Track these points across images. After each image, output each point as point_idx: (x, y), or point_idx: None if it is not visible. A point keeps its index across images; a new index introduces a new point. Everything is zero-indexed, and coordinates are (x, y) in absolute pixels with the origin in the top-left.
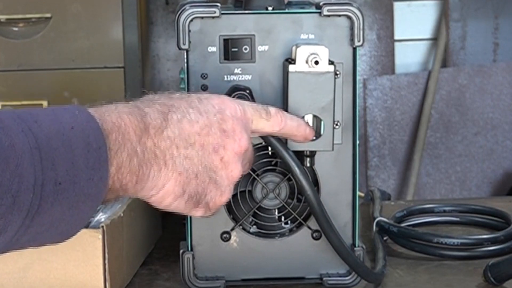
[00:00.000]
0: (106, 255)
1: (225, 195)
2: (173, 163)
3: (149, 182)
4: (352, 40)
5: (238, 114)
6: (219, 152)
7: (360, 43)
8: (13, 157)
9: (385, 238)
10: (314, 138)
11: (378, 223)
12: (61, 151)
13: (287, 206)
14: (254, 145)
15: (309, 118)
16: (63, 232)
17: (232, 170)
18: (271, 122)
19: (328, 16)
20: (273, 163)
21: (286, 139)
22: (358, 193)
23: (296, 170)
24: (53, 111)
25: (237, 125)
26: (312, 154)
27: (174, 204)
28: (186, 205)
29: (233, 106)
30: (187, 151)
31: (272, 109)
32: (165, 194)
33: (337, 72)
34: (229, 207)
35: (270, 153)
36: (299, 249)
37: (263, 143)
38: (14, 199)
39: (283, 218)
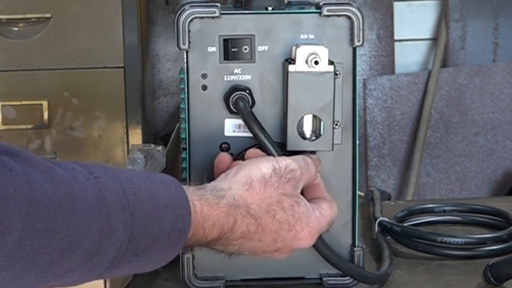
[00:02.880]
0: None
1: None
2: (238, 250)
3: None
4: (351, 40)
5: (309, 245)
6: (279, 251)
7: (360, 43)
8: (106, 231)
9: (387, 238)
10: (314, 138)
11: (380, 223)
12: (149, 229)
13: None
14: (252, 146)
15: (308, 118)
16: (137, 271)
17: (284, 254)
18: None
19: (328, 16)
20: None
21: (285, 142)
22: (358, 193)
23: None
24: (152, 183)
25: (304, 236)
26: (312, 154)
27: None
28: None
29: (309, 243)
30: (255, 245)
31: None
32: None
33: (337, 72)
34: None
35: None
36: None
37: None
38: (92, 265)
39: None
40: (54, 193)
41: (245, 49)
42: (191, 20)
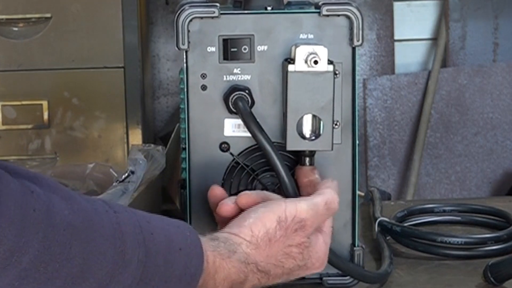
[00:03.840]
0: None
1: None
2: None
3: None
4: (351, 40)
5: (321, 267)
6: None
7: (359, 43)
8: (120, 264)
9: (387, 238)
10: (313, 138)
11: (380, 223)
12: (162, 269)
13: None
14: (252, 145)
15: (308, 118)
16: None
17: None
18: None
19: (327, 16)
20: None
21: (285, 141)
22: (358, 193)
23: (284, 178)
24: (168, 226)
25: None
26: (312, 154)
27: None
28: None
29: (317, 269)
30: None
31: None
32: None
33: (336, 72)
34: None
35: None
36: None
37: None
38: None
39: None
40: (73, 219)
41: (245, 49)
42: (191, 20)
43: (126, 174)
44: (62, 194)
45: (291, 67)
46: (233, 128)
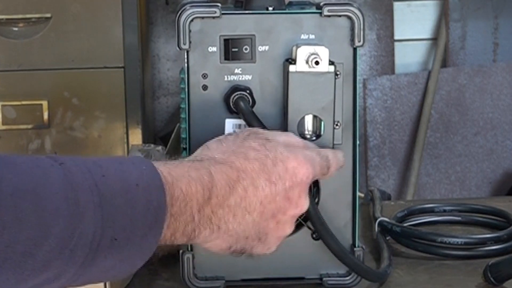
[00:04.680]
0: None
1: (271, 249)
2: (226, 228)
3: (198, 239)
4: (352, 40)
5: (307, 180)
6: (277, 217)
7: (360, 44)
8: (76, 214)
9: (387, 238)
10: (314, 138)
11: (380, 223)
12: (123, 209)
13: None
14: None
15: (309, 118)
16: (113, 276)
17: (284, 230)
18: (327, 175)
19: (329, 16)
20: None
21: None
22: (358, 193)
23: None
24: (120, 164)
25: (302, 192)
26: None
27: (219, 252)
28: (229, 253)
29: (306, 172)
30: (244, 218)
31: (331, 160)
32: (212, 246)
33: (338, 72)
34: None
35: None
36: (299, 249)
37: None
38: (71, 253)
39: None
40: (18, 182)
41: (246, 49)
42: (192, 20)
43: None
44: (2, 161)
45: (292, 68)
46: (234, 128)
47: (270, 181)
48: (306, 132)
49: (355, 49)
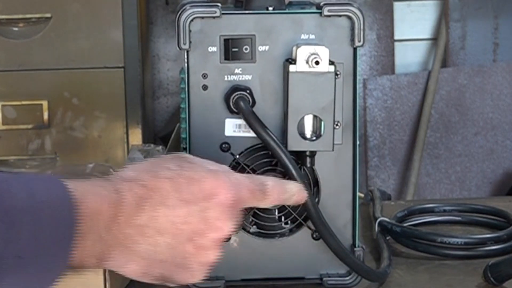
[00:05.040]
0: None
1: (197, 277)
2: (137, 250)
3: (110, 262)
4: (352, 40)
5: (228, 202)
6: (194, 240)
7: (360, 43)
8: None
9: (387, 238)
10: (314, 138)
11: (380, 223)
12: (28, 226)
13: (287, 206)
14: (253, 145)
15: (309, 118)
16: None
17: (207, 256)
18: (266, 202)
19: (329, 16)
20: (273, 163)
21: (285, 141)
22: (358, 193)
23: (293, 172)
24: (28, 181)
25: (223, 214)
26: (312, 154)
27: (141, 280)
28: (153, 281)
29: (226, 193)
30: (155, 239)
31: (269, 187)
32: (128, 272)
33: (338, 72)
34: None
35: (270, 153)
36: (299, 249)
37: (262, 143)
38: None
39: (283, 218)
40: None
41: (246, 49)
42: (192, 20)
43: None
44: None
45: (292, 68)
46: (234, 128)
47: (182, 200)
48: (306, 132)
49: (355, 49)
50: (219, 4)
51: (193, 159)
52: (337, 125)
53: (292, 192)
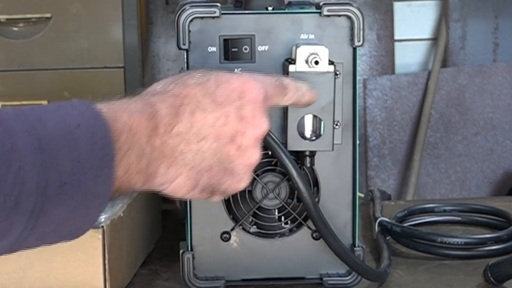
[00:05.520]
0: (106, 255)
1: (244, 181)
2: (183, 159)
3: (158, 178)
4: (352, 40)
5: (259, 97)
6: (236, 141)
7: (360, 43)
8: (15, 160)
9: (387, 238)
10: (314, 138)
11: (380, 223)
12: (65, 151)
13: (287, 206)
14: None
15: (309, 118)
16: (71, 232)
17: (251, 156)
18: (287, 97)
19: (328, 16)
20: (273, 163)
21: (285, 141)
22: (358, 193)
23: (293, 172)
24: (59, 108)
25: (257, 110)
26: (312, 154)
27: (189, 195)
28: (201, 195)
29: (254, 89)
30: (199, 145)
31: (287, 81)
32: (177, 187)
33: (337, 72)
34: (229, 207)
35: (270, 153)
36: (299, 249)
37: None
38: (17, 201)
39: (283, 218)
40: None
41: (245, 49)
42: (191, 20)
43: None
44: None
45: (292, 67)
46: None
47: (216, 103)
48: (306, 132)
49: (354, 49)
50: (218, 4)
51: (210, 70)
52: (337, 125)
53: (303, 89)
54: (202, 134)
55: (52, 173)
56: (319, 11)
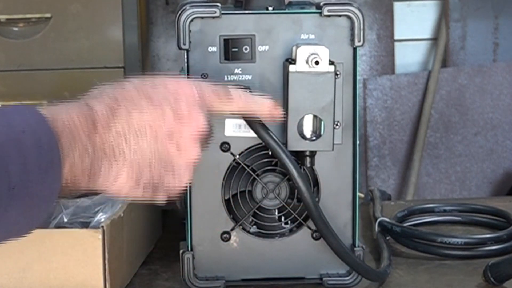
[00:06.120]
0: (106, 255)
1: (184, 180)
2: (123, 158)
3: (101, 177)
4: (352, 40)
5: (194, 96)
6: (174, 140)
7: (360, 43)
8: None
9: (387, 238)
10: (314, 138)
11: (380, 223)
12: (13, 156)
13: (287, 206)
14: (253, 146)
15: (309, 118)
16: (16, 233)
17: (190, 155)
18: (231, 105)
19: (329, 16)
20: (273, 163)
21: (285, 141)
22: (358, 193)
23: (294, 171)
24: (3, 114)
25: (193, 109)
26: (312, 154)
27: (132, 195)
28: (144, 194)
29: (188, 88)
30: (138, 144)
31: (233, 92)
32: (119, 187)
33: (337, 72)
34: (229, 207)
35: (270, 153)
36: (299, 249)
37: (262, 143)
38: None
39: (283, 218)
40: None
41: (246, 49)
42: (192, 20)
43: None
44: None
45: (292, 68)
46: (234, 128)
47: (153, 104)
48: (306, 132)
49: (355, 49)
50: (219, 4)
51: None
52: (337, 125)
53: (263, 103)
54: (140, 133)
55: (0, 178)
56: (319, 11)
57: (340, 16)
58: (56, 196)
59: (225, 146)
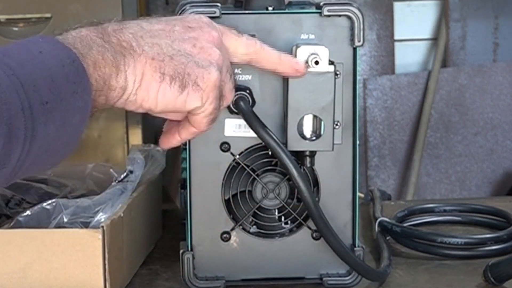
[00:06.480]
0: (106, 255)
1: (212, 73)
2: (142, 50)
3: (128, 71)
4: (352, 40)
5: (203, 17)
6: (190, 41)
7: (360, 43)
8: None
9: (387, 238)
10: (314, 138)
11: (380, 223)
12: (38, 73)
13: (287, 206)
14: (253, 145)
15: (309, 118)
16: (61, 149)
17: (211, 54)
18: (244, 41)
19: (328, 16)
20: (273, 163)
21: (285, 141)
22: (358, 193)
23: (294, 171)
24: (16, 44)
25: (202, 22)
26: (312, 154)
27: (161, 93)
28: (173, 90)
29: (198, 17)
30: (154, 40)
31: (260, 45)
32: (147, 84)
33: (337, 72)
34: (229, 207)
35: (270, 153)
36: (299, 249)
37: (262, 143)
38: (8, 127)
39: (283, 218)
40: None
41: None
42: None
43: (125, 174)
44: None
45: None
46: (234, 128)
47: (160, 21)
48: (306, 132)
49: (355, 49)
50: (218, 4)
51: None
52: (337, 125)
53: (284, 55)
54: (153, 34)
55: (32, 94)
56: (319, 11)
57: (340, 16)
58: (90, 104)
59: (225, 146)
